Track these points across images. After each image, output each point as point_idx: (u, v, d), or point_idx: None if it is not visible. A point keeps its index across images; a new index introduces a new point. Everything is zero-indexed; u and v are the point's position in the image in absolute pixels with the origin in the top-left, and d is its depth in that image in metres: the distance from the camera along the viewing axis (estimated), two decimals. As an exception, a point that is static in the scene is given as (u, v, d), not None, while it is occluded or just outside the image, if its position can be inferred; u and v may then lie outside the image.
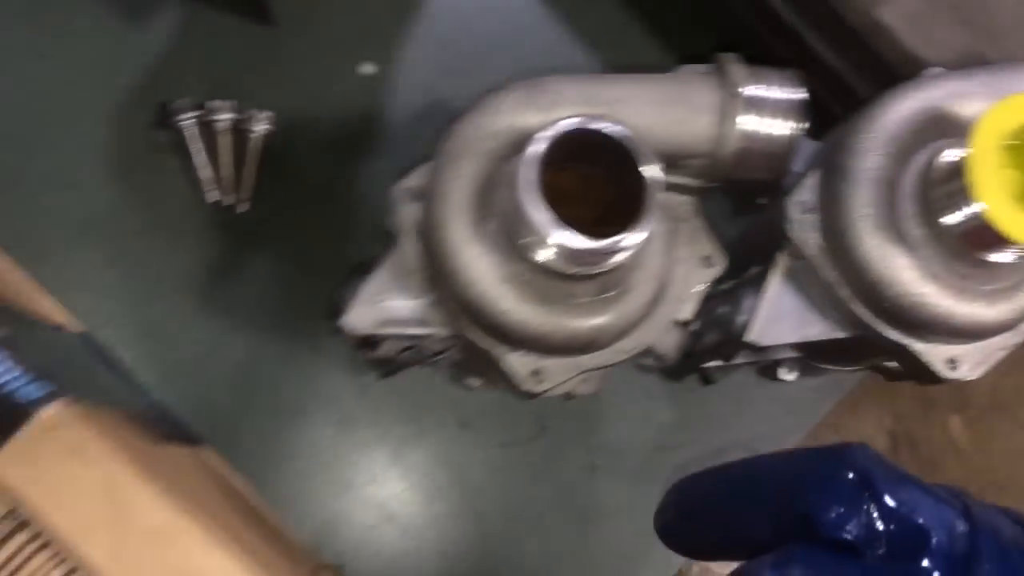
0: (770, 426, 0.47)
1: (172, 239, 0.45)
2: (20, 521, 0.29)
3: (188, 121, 0.44)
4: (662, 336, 0.35)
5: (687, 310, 0.35)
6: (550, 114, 0.32)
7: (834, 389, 0.50)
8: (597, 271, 0.31)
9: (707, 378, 0.48)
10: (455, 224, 0.32)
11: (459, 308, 0.33)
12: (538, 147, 0.29)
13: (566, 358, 0.33)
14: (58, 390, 0.29)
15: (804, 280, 0.37)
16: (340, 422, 0.44)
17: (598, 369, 0.34)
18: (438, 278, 0.33)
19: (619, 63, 0.48)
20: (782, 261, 0.37)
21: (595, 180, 0.32)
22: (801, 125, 0.33)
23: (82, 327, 0.43)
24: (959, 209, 0.31)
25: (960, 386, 0.62)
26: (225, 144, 0.45)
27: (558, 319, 0.32)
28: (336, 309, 0.35)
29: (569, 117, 0.29)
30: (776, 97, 0.33)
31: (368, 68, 0.48)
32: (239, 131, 0.45)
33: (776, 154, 0.34)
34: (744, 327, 0.38)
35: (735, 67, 0.33)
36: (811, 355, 0.43)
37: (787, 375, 0.46)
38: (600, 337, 0.33)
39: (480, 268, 0.32)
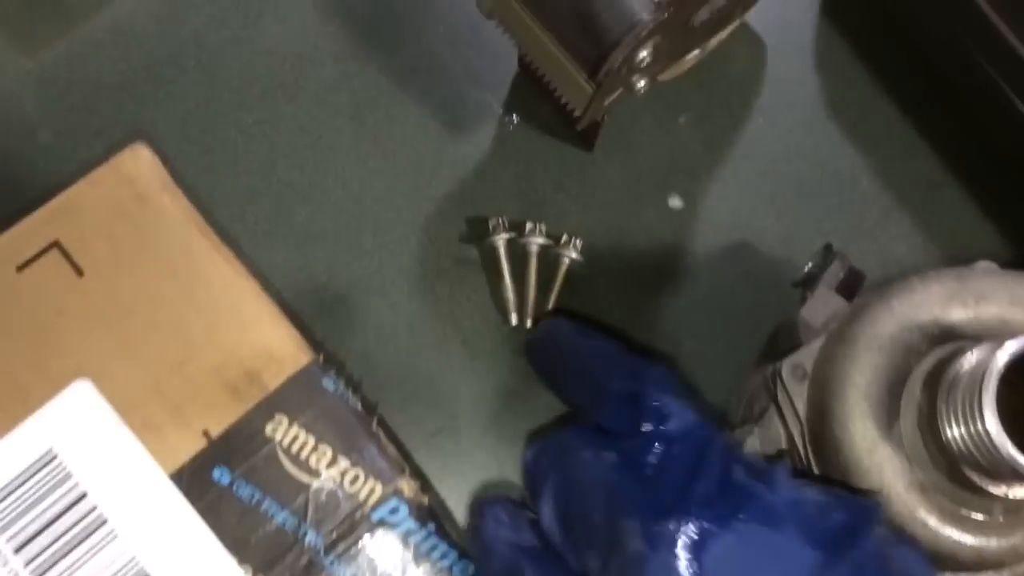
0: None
1: (468, 356, 0.44)
2: None
3: (500, 241, 0.44)
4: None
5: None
6: (976, 310, 0.30)
7: None
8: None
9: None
10: (863, 421, 0.30)
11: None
12: (1004, 355, 0.26)
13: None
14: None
15: None
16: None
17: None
18: (828, 470, 0.31)
19: (953, 250, 0.46)
20: None
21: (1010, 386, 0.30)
22: None
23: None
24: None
25: None
26: (533, 268, 0.44)
27: (963, 535, 0.29)
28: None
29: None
30: None
31: (676, 202, 0.47)
32: (547, 255, 0.44)
33: None
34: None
35: None
36: None
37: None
38: (1004, 559, 0.30)
39: (888, 472, 0.29)
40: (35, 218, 0.35)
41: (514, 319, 0.44)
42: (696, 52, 0.46)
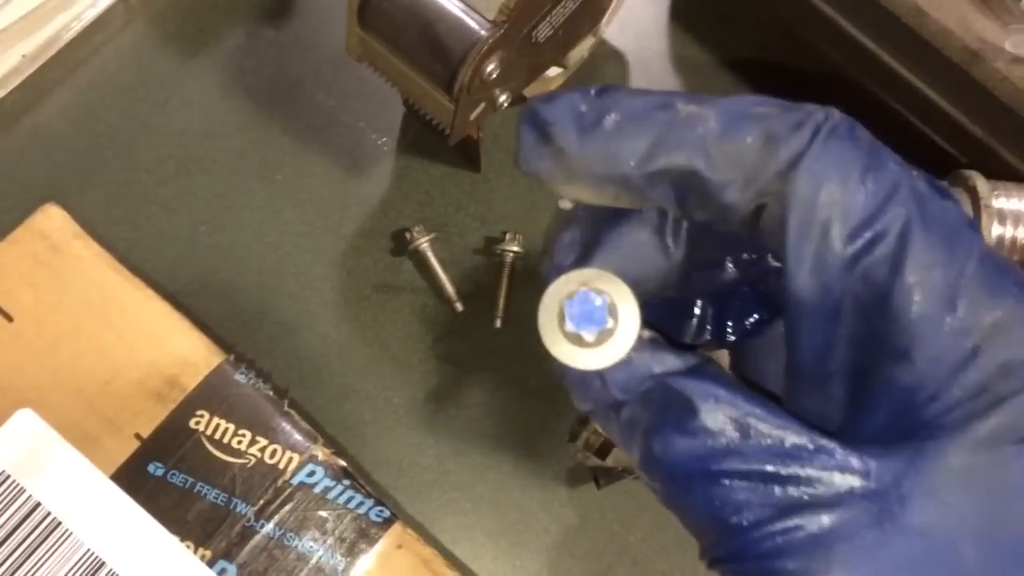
0: None
1: (397, 370, 0.48)
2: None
3: (424, 243, 0.48)
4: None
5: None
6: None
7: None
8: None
9: None
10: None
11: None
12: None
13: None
14: (393, 514, 0.32)
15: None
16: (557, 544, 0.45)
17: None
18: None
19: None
20: None
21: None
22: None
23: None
24: None
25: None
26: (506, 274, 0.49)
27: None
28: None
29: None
30: (1021, 208, 0.35)
31: (566, 204, 0.51)
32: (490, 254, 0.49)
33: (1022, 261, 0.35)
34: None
35: (981, 182, 0.35)
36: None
37: None
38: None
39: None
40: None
41: (459, 306, 0.48)
42: (560, 70, 0.52)
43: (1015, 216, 0.35)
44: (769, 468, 0.19)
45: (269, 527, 0.36)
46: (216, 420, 0.37)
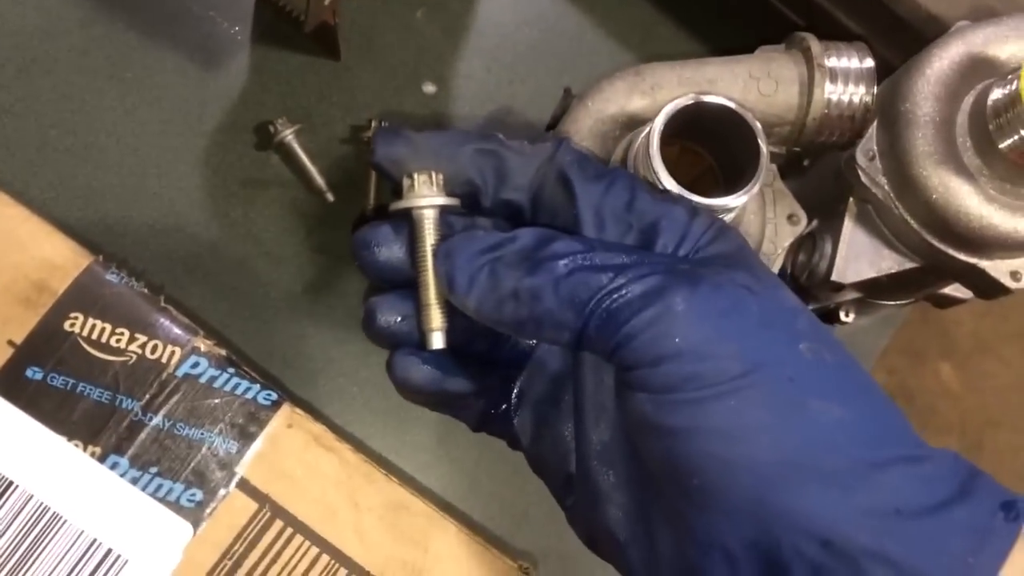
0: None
1: (272, 265, 0.48)
2: (272, 512, 0.33)
3: (290, 135, 0.47)
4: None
5: (777, 265, 0.39)
6: (654, 97, 0.36)
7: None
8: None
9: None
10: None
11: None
12: (661, 120, 0.33)
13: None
14: (281, 396, 0.34)
15: (873, 220, 0.42)
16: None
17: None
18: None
19: (654, 58, 0.53)
20: (852, 205, 0.41)
21: (690, 151, 0.36)
22: (873, 90, 0.38)
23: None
24: (1014, 135, 0.36)
25: (944, 332, 0.68)
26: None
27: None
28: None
29: (677, 98, 0.34)
30: (853, 67, 0.38)
31: (429, 87, 0.52)
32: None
33: (854, 118, 0.38)
34: (826, 271, 0.42)
35: (814, 43, 0.38)
36: (873, 293, 0.47)
37: (846, 317, 0.50)
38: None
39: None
40: None
41: (330, 196, 0.48)
42: (413, -50, 0.51)
43: (845, 74, 0.37)
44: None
45: (158, 419, 0.36)
46: (92, 321, 0.37)
